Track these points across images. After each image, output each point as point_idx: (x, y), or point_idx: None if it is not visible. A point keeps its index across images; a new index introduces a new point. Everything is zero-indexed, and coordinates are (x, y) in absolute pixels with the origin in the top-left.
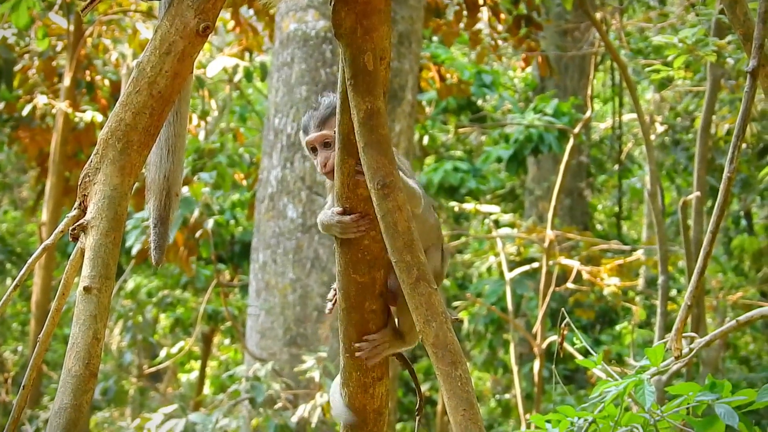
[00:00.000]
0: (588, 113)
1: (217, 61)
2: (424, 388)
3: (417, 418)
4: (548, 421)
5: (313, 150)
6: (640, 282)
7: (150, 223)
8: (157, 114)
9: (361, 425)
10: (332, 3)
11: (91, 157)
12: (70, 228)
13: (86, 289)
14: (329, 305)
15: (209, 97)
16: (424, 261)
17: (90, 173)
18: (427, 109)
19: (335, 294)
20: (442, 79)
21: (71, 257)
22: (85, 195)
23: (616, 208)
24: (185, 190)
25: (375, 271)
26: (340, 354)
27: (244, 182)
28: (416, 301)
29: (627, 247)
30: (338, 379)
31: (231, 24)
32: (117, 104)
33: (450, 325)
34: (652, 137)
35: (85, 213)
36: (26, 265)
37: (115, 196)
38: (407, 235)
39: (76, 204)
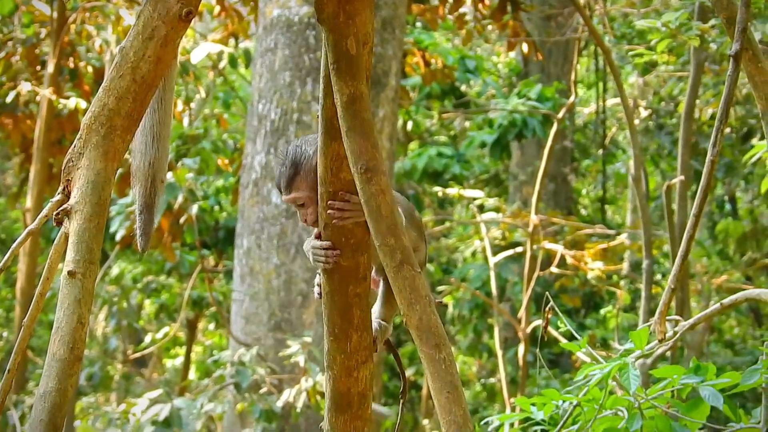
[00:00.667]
0: (572, 98)
1: (201, 47)
2: (409, 372)
3: (401, 401)
4: (533, 405)
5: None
6: (625, 266)
7: (135, 210)
8: (140, 99)
9: (345, 408)
10: None
11: (75, 142)
12: (54, 213)
13: (70, 274)
14: (317, 290)
15: (197, 83)
16: (408, 245)
17: (73, 158)
18: (412, 95)
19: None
20: (427, 64)
21: (55, 242)
22: (68, 180)
23: (601, 193)
24: (169, 176)
25: (359, 256)
26: (324, 338)
27: (230, 168)
28: (400, 285)
29: (611, 232)
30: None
31: (216, 9)
32: (100, 89)
33: (434, 308)
34: (636, 122)
35: (69, 198)
36: (10, 250)
37: (99, 181)
38: (390, 219)
39: (60, 189)
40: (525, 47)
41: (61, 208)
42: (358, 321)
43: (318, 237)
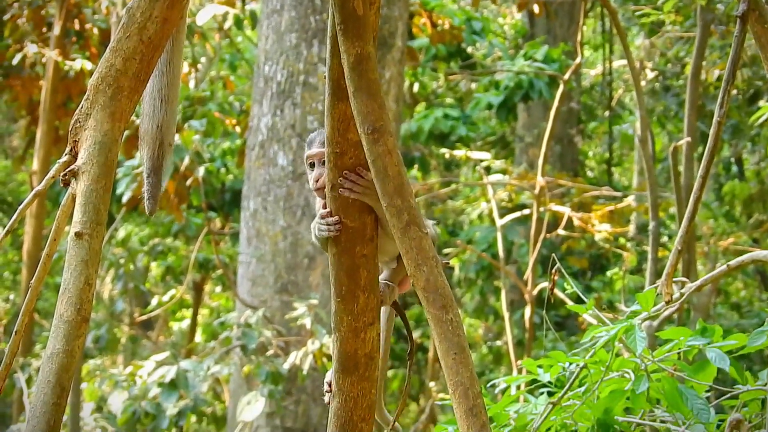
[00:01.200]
0: (578, 60)
1: (207, 8)
2: (416, 335)
3: (408, 363)
4: (540, 367)
5: (311, 165)
6: (631, 228)
7: (143, 173)
8: (147, 59)
9: (352, 370)
10: None
11: (82, 103)
12: (61, 174)
13: (78, 235)
14: (327, 397)
15: (204, 43)
16: (415, 205)
17: (81, 119)
18: (418, 56)
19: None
20: (434, 25)
21: (63, 203)
22: (75, 141)
23: (607, 155)
24: (176, 138)
25: (365, 216)
26: (331, 300)
27: (237, 128)
28: (407, 246)
29: (618, 194)
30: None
31: None
32: (107, 50)
33: (441, 269)
34: (643, 83)
35: (76, 159)
36: (17, 211)
37: (106, 142)
38: (397, 179)
39: (67, 150)
40: (536, 8)
41: (69, 169)
42: (365, 282)
43: (325, 206)
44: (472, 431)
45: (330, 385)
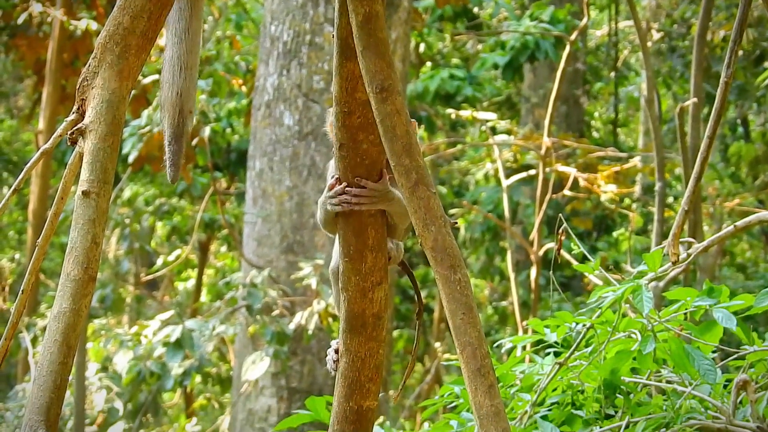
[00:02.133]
0: (584, 20)
1: None
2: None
3: (417, 323)
4: (546, 327)
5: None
6: (637, 189)
7: (165, 141)
8: (155, 17)
9: (360, 329)
10: None
11: (90, 61)
12: (69, 132)
13: (85, 194)
14: (330, 364)
15: (210, 3)
16: (423, 164)
17: (88, 77)
18: (425, 17)
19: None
20: None
21: (70, 162)
22: (83, 99)
23: (613, 116)
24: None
25: (374, 175)
26: (339, 259)
27: (243, 88)
28: (415, 205)
29: (624, 155)
30: None
31: None
32: (115, 8)
33: (449, 229)
34: (649, 44)
35: (84, 117)
36: (24, 169)
37: (114, 100)
38: (405, 139)
39: (75, 108)
40: None
41: (76, 128)
42: (373, 242)
43: (338, 181)
44: (481, 391)
45: (337, 352)
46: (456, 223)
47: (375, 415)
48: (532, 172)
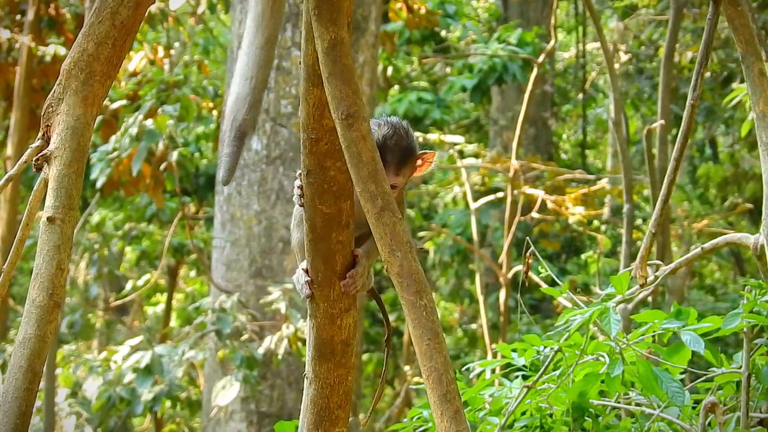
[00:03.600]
0: (552, 43)
1: None
2: (391, 318)
3: (386, 348)
4: (514, 351)
5: None
6: (606, 211)
7: (225, 139)
8: (120, 44)
9: (329, 356)
10: None
11: (54, 87)
12: (34, 158)
13: (50, 220)
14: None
15: (179, 27)
16: (389, 191)
17: (53, 104)
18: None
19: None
20: (410, 9)
21: (35, 188)
22: (48, 125)
23: (581, 138)
24: (149, 123)
25: (341, 202)
26: None
27: (214, 112)
28: (381, 231)
29: (592, 177)
30: None
31: None
32: (80, 35)
33: (415, 255)
34: (616, 66)
35: (49, 143)
36: None
37: (78, 127)
38: (371, 165)
39: (40, 135)
40: None
41: (41, 154)
42: (341, 268)
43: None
44: (447, 417)
45: (306, 273)
46: (422, 248)
47: None
48: (501, 194)
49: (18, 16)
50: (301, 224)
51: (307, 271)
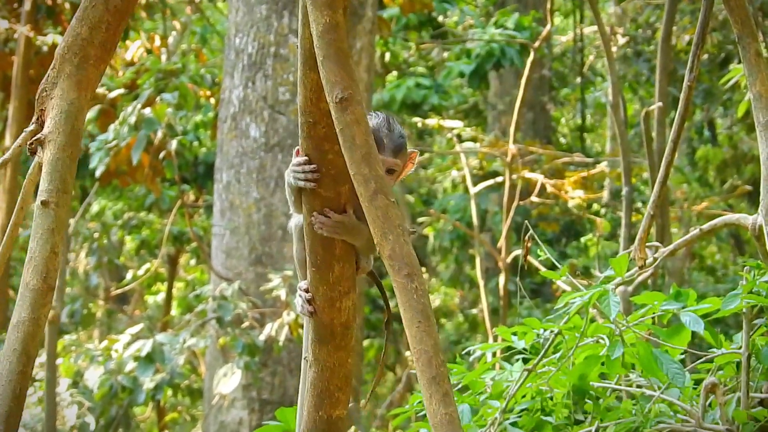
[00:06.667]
0: (549, 27)
1: None
2: (391, 303)
3: (386, 333)
4: (515, 334)
5: None
6: (605, 194)
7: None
8: (113, 28)
9: (328, 339)
10: None
11: (48, 72)
12: (28, 143)
13: (44, 203)
14: (299, 303)
15: (174, 18)
16: (382, 174)
17: (47, 88)
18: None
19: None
20: None
21: (29, 172)
22: (42, 110)
23: (579, 121)
24: (148, 111)
25: (340, 186)
26: (306, 270)
27: (212, 100)
28: (373, 214)
29: (590, 160)
30: None
31: None
32: (73, 19)
33: (407, 238)
34: (614, 49)
35: (43, 128)
36: None
37: (72, 111)
38: (365, 148)
39: (34, 119)
40: None
41: (35, 138)
42: (340, 251)
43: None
44: (435, 399)
45: (306, 291)
46: (415, 231)
47: (345, 424)
48: (500, 179)
49: (15, 6)
50: (301, 235)
51: (307, 290)
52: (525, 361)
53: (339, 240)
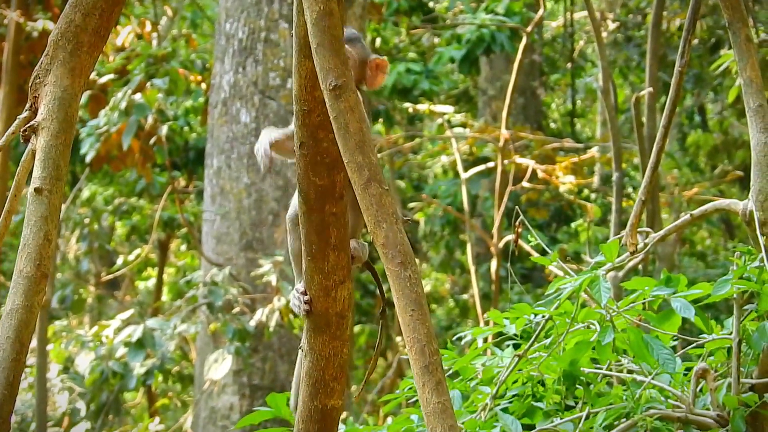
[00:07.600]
0: (540, 12)
1: None
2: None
3: (381, 321)
4: (506, 319)
5: None
6: (595, 180)
7: None
8: (107, 15)
9: (324, 328)
10: None
11: (42, 58)
12: (22, 129)
13: (37, 191)
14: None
15: (164, 4)
16: (376, 162)
17: (40, 75)
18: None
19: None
20: None
21: (23, 159)
22: (36, 97)
23: (570, 107)
24: (138, 97)
25: (335, 174)
26: (300, 258)
27: (203, 85)
28: (367, 202)
29: (581, 145)
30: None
31: None
32: (67, 6)
33: (401, 226)
34: (604, 34)
35: (36, 115)
36: None
37: (66, 98)
38: (359, 136)
39: (27, 106)
40: None
41: (29, 125)
42: (335, 240)
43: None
44: (428, 388)
45: (304, 294)
46: (409, 219)
47: (340, 414)
48: (491, 164)
49: None
50: (296, 230)
51: (304, 292)
52: (516, 346)
53: (334, 228)
